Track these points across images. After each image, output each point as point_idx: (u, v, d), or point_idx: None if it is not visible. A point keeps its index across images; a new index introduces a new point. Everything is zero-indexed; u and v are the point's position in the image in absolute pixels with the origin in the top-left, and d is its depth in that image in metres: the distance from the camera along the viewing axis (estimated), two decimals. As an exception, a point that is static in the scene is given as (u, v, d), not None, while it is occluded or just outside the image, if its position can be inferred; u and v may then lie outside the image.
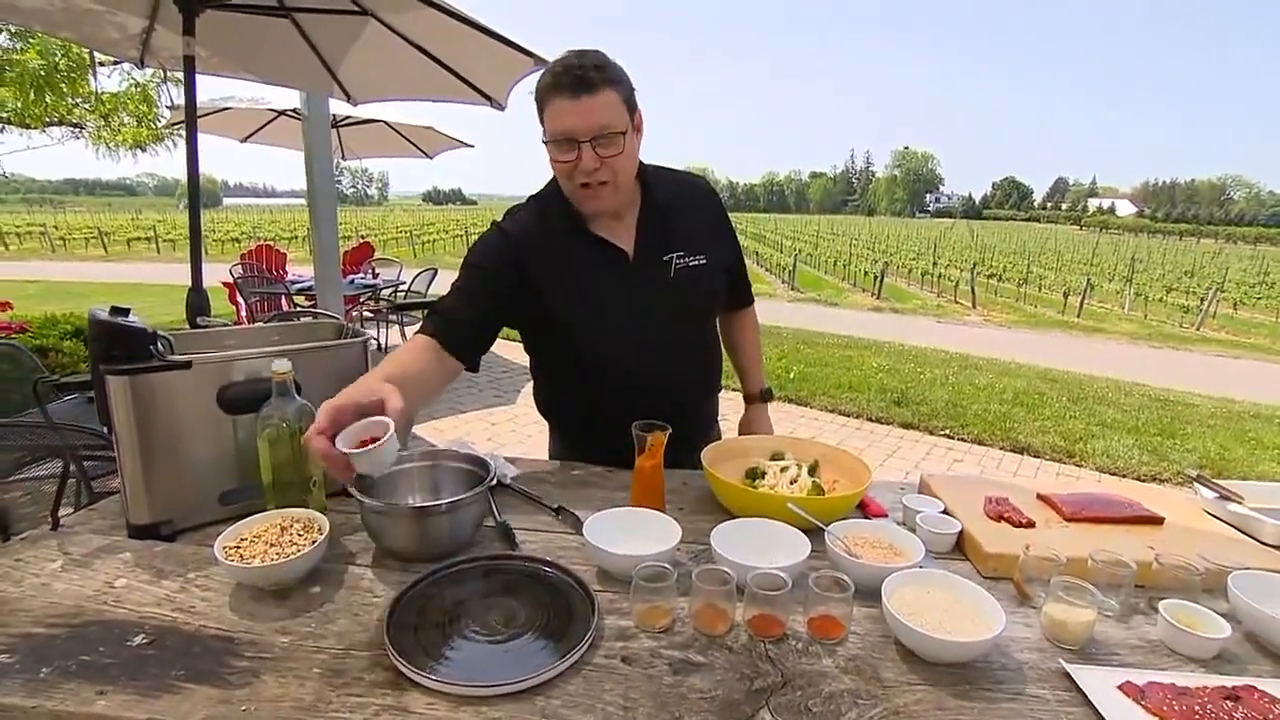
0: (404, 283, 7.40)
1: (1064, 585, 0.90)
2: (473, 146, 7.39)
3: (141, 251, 22.68)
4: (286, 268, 8.29)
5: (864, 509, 1.30)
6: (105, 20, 3.30)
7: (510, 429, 5.07)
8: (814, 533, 1.09)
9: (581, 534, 1.08)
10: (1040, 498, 1.28)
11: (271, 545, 0.98)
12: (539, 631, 0.89)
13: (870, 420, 5.60)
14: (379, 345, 7.36)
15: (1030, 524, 1.16)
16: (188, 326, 2.81)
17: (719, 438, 1.67)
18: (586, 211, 1.35)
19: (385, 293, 7.27)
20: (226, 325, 1.54)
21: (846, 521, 1.14)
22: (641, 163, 1.41)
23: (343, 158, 8.31)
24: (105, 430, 1.08)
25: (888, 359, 7.77)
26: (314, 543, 0.99)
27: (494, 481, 1.18)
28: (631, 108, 1.28)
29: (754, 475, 1.36)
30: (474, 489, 1.09)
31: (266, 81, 3.83)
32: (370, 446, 0.92)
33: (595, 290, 1.38)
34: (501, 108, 3.69)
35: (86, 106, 5.12)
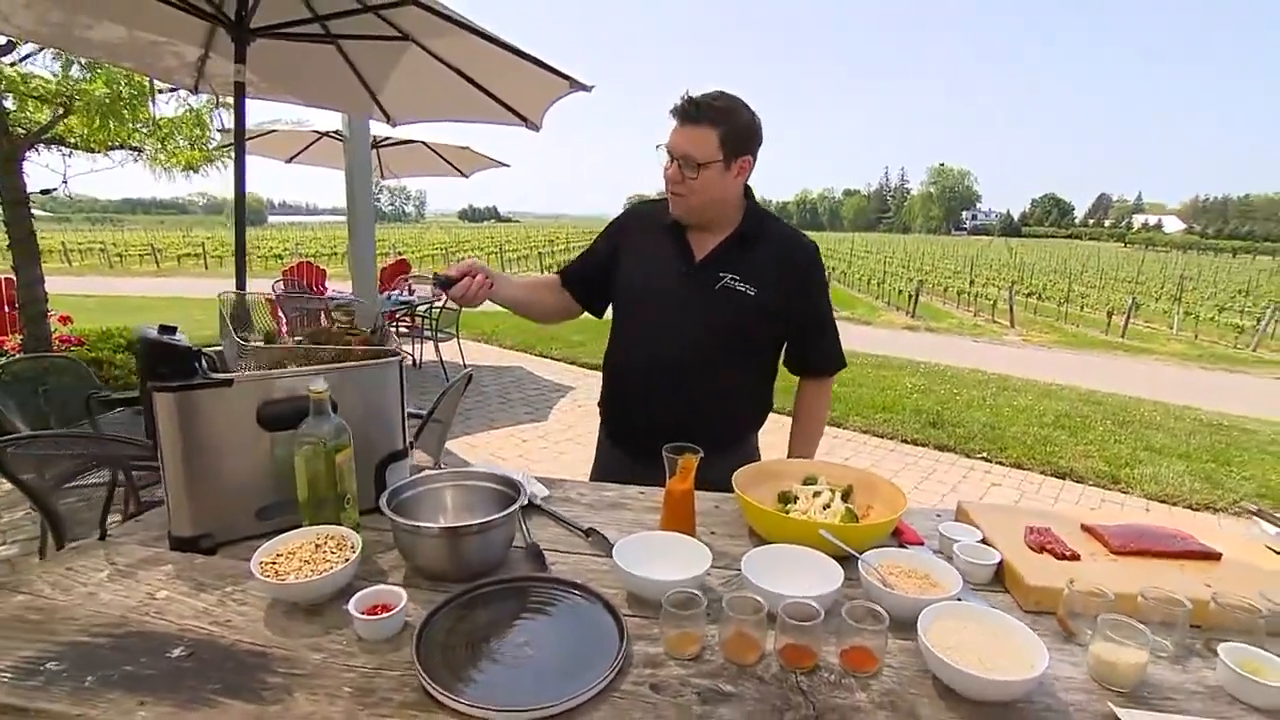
0: (439, 299, 7.52)
1: (1112, 623, 0.86)
2: (509, 166, 7.53)
3: (190, 267, 23.54)
4: (326, 284, 8.52)
5: (899, 537, 1.26)
6: (165, 50, 3.47)
7: (541, 445, 5.08)
8: (847, 561, 1.07)
9: (611, 556, 1.08)
10: (1085, 529, 1.23)
11: (306, 562, 1.00)
12: (566, 655, 0.89)
13: (905, 442, 5.48)
14: (414, 361, 7.48)
15: (1075, 556, 1.12)
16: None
17: None
18: (671, 211, 1.56)
19: (420, 309, 7.40)
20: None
21: (881, 550, 1.11)
22: (756, 202, 1.61)
23: (382, 177, 8.55)
24: (151, 443, 1.11)
25: (923, 379, 7.61)
26: (347, 560, 1.00)
27: (525, 502, 1.18)
28: (732, 150, 1.45)
29: (786, 500, 1.34)
30: (505, 509, 1.10)
31: (311, 104, 3.97)
32: (380, 616, 0.91)
33: (655, 275, 1.59)
34: (536, 128, 3.76)
35: (145, 131, 5.36)
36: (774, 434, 1.71)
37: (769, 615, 0.90)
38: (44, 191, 5.44)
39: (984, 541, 1.18)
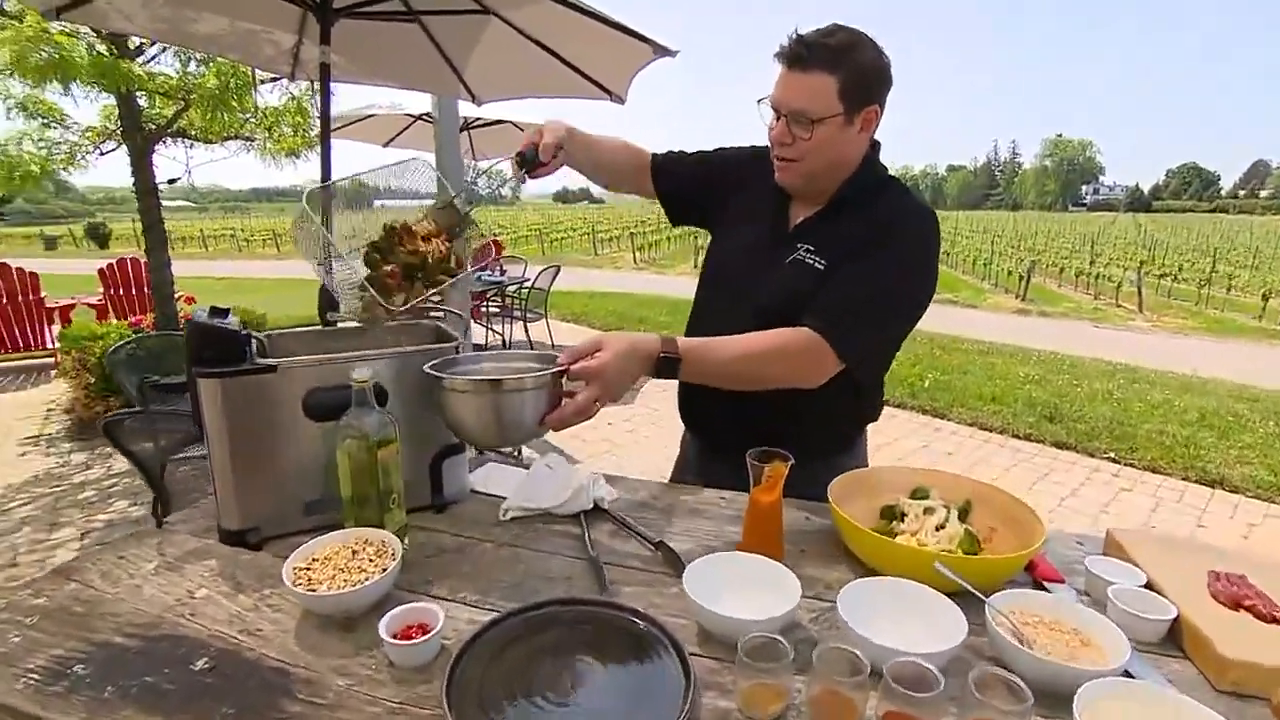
0: (528, 279, 7.58)
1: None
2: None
3: (306, 251, 25.25)
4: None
5: (1032, 570, 1.03)
6: (263, 39, 3.58)
7: (626, 429, 4.98)
8: (966, 597, 0.87)
9: (682, 578, 0.92)
10: (1292, 576, 0.96)
11: (340, 570, 0.91)
12: (620, 703, 0.75)
13: (1016, 437, 5.00)
14: (503, 341, 7.61)
15: (1286, 617, 0.86)
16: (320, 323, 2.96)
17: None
18: (778, 179, 1.30)
19: (510, 289, 7.49)
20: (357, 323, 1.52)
21: (1013, 592, 0.89)
22: (877, 165, 1.30)
23: (474, 158, 8.69)
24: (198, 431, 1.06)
25: (1037, 368, 6.95)
26: (384, 570, 0.90)
27: (560, 369, 1.07)
28: (855, 100, 1.16)
29: (891, 516, 1.14)
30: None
31: (400, 86, 4.00)
32: (415, 641, 0.80)
33: (739, 246, 1.38)
34: (621, 101, 3.61)
35: (254, 121, 5.64)
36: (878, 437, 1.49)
37: (871, 669, 0.72)
38: (170, 181, 5.85)
39: (1149, 586, 0.94)
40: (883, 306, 1.21)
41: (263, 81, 5.07)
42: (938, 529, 1.08)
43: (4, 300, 6.60)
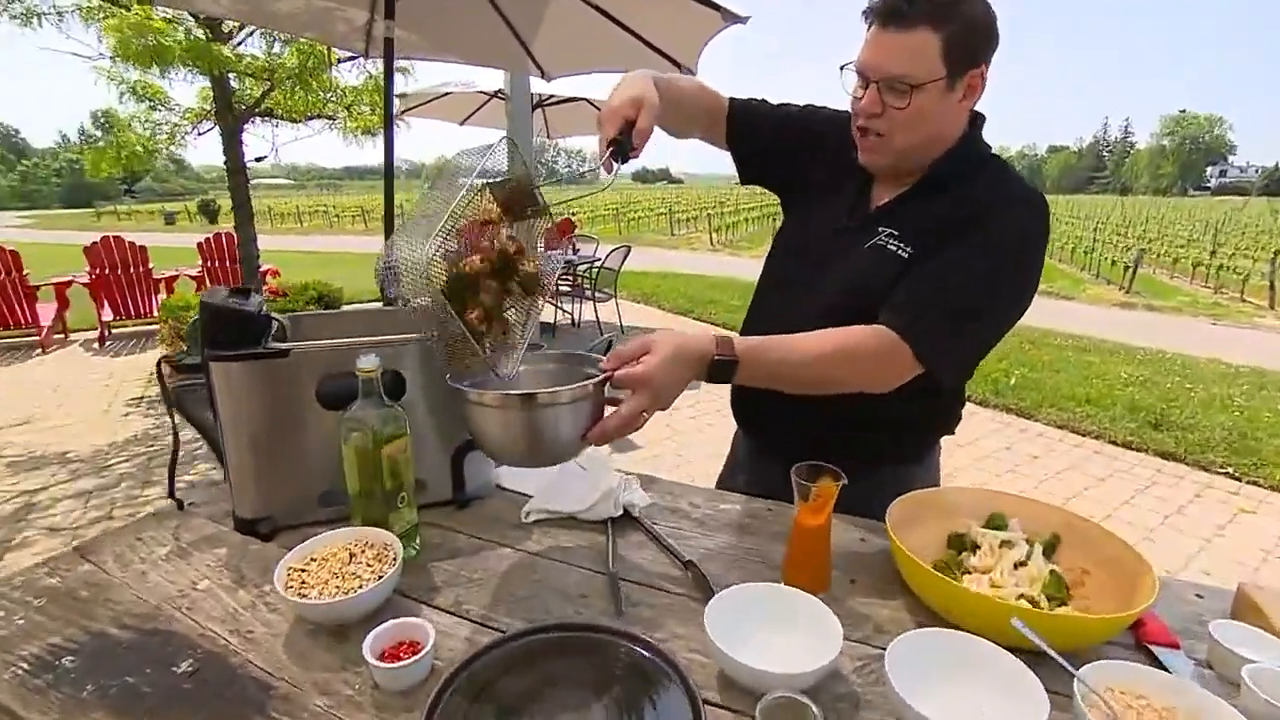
0: (599, 259, 7.55)
1: None
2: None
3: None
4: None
5: (1136, 629, 0.86)
6: (337, 16, 3.63)
7: (689, 417, 4.87)
8: (1048, 661, 0.71)
9: (705, 612, 0.81)
10: None
11: (335, 574, 0.84)
12: (619, 761, 0.65)
13: (1114, 444, 4.55)
14: (573, 321, 7.63)
15: None
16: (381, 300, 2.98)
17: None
18: (861, 159, 1.12)
19: (581, 268, 7.46)
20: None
21: (1111, 664, 0.72)
22: (978, 139, 1.11)
23: (549, 137, 8.69)
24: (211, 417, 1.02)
25: (1141, 368, 6.33)
26: (380, 577, 0.83)
27: (599, 381, 0.94)
28: (960, 61, 1.00)
29: (959, 546, 0.98)
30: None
31: (467, 61, 3.97)
32: (402, 663, 0.73)
33: (812, 227, 1.23)
34: (692, 74, 3.45)
35: (335, 100, 5.80)
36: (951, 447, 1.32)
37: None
38: (257, 159, 6.12)
39: (1296, 664, 0.75)
40: (974, 298, 1.02)
41: (340, 60, 5.19)
42: (1016, 567, 0.92)
43: (119, 271, 7.14)
